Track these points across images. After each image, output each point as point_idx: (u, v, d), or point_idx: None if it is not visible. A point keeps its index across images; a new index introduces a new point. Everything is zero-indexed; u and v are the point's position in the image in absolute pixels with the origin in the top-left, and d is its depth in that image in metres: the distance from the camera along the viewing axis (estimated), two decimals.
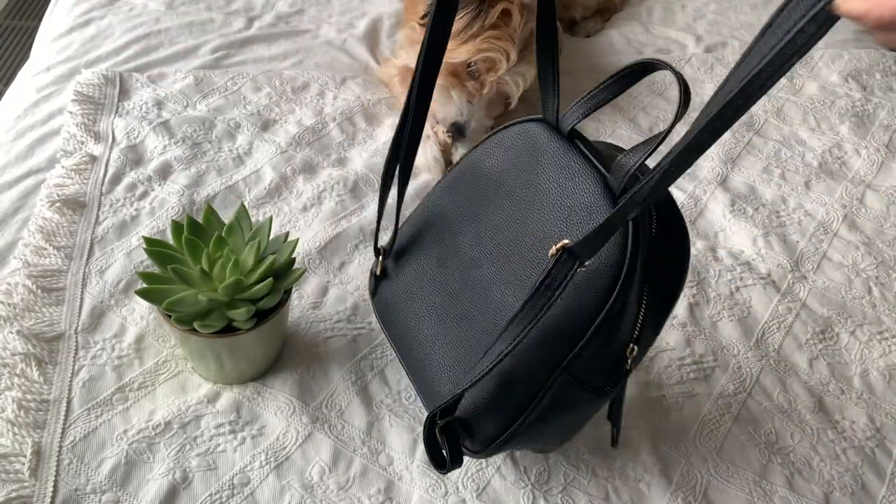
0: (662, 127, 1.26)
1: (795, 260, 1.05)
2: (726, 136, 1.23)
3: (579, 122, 0.68)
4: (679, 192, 1.13)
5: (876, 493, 0.81)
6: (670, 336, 0.94)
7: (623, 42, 1.45)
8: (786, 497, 0.79)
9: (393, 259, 0.82)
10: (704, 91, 1.33)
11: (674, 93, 1.32)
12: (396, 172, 0.79)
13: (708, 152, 1.19)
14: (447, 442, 0.69)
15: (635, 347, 0.66)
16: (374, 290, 0.84)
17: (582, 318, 0.63)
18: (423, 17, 1.15)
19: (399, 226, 0.82)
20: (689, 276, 1.00)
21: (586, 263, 0.59)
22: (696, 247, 1.05)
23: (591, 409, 0.71)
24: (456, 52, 1.12)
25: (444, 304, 0.74)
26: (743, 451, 0.83)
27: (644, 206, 0.60)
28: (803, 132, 1.26)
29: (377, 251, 0.84)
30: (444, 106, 1.13)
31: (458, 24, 1.10)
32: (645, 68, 0.62)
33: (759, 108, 1.29)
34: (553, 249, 0.58)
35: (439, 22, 0.69)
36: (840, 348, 0.95)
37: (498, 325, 0.67)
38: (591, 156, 0.67)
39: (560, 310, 0.63)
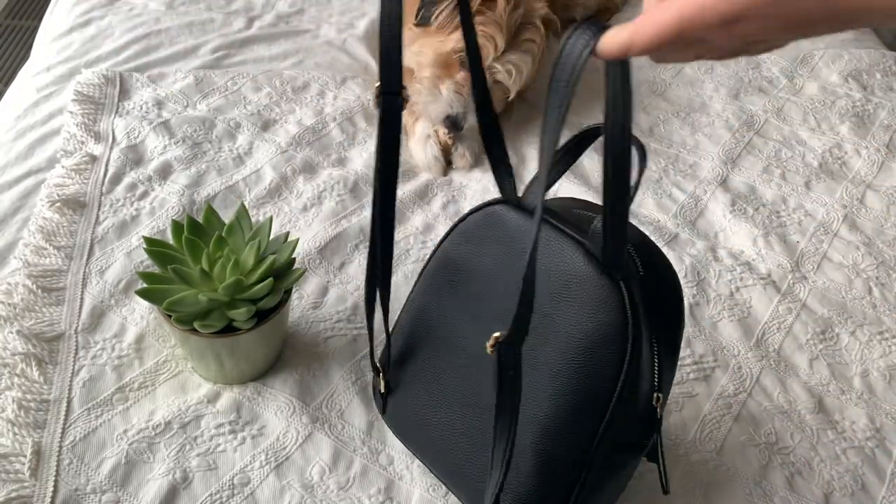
0: (662, 127, 1.26)
1: (795, 260, 1.05)
2: (726, 135, 1.23)
3: (544, 197, 0.64)
4: (679, 192, 1.13)
5: (876, 493, 0.81)
6: None
7: None
8: (786, 497, 0.79)
9: (393, 371, 0.79)
10: (704, 91, 1.33)
11: (674, 93, 1.32)
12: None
13: (708, 152, 1.20)
14: None
15: (660, 395, 0.66)
16: (384, 408, 0.81)
17: (604, 388, 0.63)
18: (416, 19, 1.14)
19: (390, 336, 0.79)
20: (689, 276, 1.00)
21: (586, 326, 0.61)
22: (697, 247, 1.05)
23: (636, 464, 0.72)
24: (444, 43, 1.11)
25: (455, 407, 0.72)
26: (743, 451, 0.83)
27: (623, 268, 0.61)
28: (803, 132, 1.26)
29: (376, 369, 0.80)
30: (434, 102, 1.11)
31: (442, 15, 1.09)
32: (587, 135, 0.62)
33: (759, 109, 1.29)
34: (488, 347, 0.57)
35: (387, 120, 0.66)
36: (840, 348, 0.95)
37: (530, 420, 0.66)
38: (563, 227, 0.65)
39: (580, 385, 0.63)
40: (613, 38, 0.48)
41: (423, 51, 1.12)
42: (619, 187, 0.55)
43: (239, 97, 1.23)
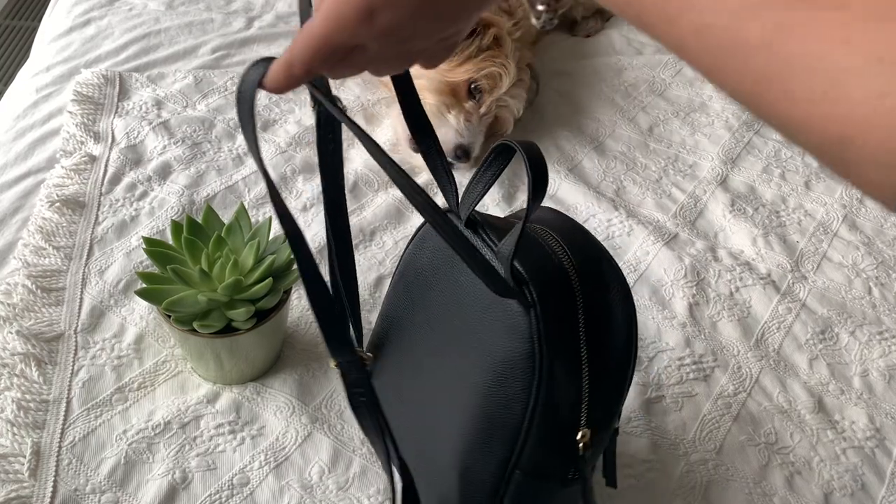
0: (662, 127, 1.26)
1: (795, 260, 1.05)
2: (726, 135, 1.23)
3: (474, 209, 0.64)
4: (679, 191, 1.13)
5: (876, 493, 0.81)
6: (670, 336, 0.94)
7: (623, 42, 1.45)
8: (785, 497, 0.79)
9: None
10: (704, 91, 1.32)
11: (673, 93, 1.32)
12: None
13: (708, 152, 1.20)
14: None
15: (587, 431, 0.61)
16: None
17: (515, 412, 0.60)
18: None
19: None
20: (689, 276, 1.00)
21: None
22: (696, 247, 1.05)
23: (566, 499, 0.66)
24: (453, 73, 1.12)
25: (404, 414, 0.71)
26: (742, 451, 0.83)
27: (511, 291, 0.57)
28: None
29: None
30: (440, 129, 1.10)
31: None
32: (507, 149, 0.59)
33: None
34: (332, 364, 0.57)
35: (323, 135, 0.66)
36: (840, 348, 0.95)
37: (445, 439, 0.65)
38: (490, 240, 0.62)
39: (491, 409, 0.61)
40: (275, 69, 0.48)
41: (423, 75, 1.13)
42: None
43: None
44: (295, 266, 0.84)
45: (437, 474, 0.66)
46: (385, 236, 1.04)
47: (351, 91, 1.27)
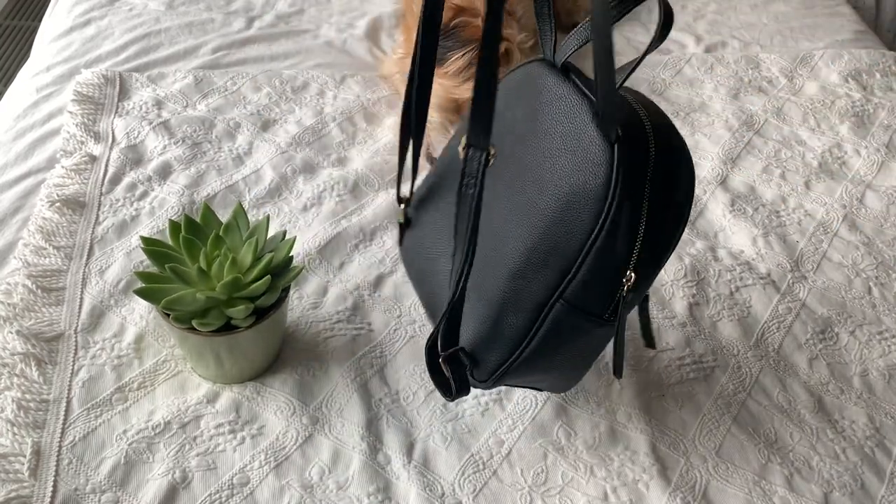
0: None
1: (795, 260, 1.05)
2: (726, 135, 1.23)
3: (572, 55, 0.71)
4: None
5: (875, 492, 0.81)
6: (670, 336, 0.94)
7: (623, 42, 1.45)
8: (785, 497, 0.79)
9: (414, 208, 0.84)
10: (704, 91, 1.33)
11: (673, 93, 1.32)
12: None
13: (708, 152, 1.20)
14: (452, 371, 0.72)
15: (633, 274, 0.65)
16: (401, 239, 0.87)
17: (575, 240, 0.64)
18: None
19: (417, 174, 0.85)
20: (689, 276, 1.00)
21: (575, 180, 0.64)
22: (696, 247, 1.05)
23: (594, 341, 0.71)
24: (459, 89, 1.12)
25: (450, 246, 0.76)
26: (742, 450, 0.83)
27: (610, 122, 0.63)
28: (803, 132, 1.26)
29: (399, 199, 0.85)
30: (443, 143, 1.11)
31: (460, 62, 1.10)
32: None
33: (759, 108, 1.29)
34: (460, 148, 0.63)
35: None
36: (840, 348, 0.95)
37: (501, 259, 0.69)
38: (581, 85, 0.69)
39: (553, 232, 0.65)
40: None
41: None
42: (602, 40, 0.60)
43: (239, 97, 1.23)
44: (294, 263, 0.84)
45: (482, 304, 0.70)
46: (385, 236, 1.04)
47: (351, 90, 1.27)
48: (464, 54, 1.10)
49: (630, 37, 1.46)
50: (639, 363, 0.90)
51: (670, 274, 1.01)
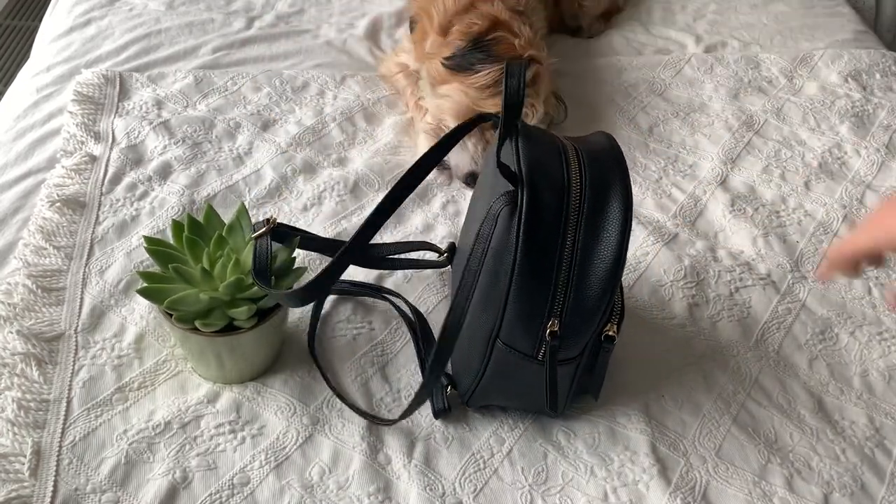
0: (662, 127, 1.26)
1: (795, 260, 1.05)
2: (726, 136, 1.23)
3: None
4: (679, 192, 1.13)
5: (875, 493, 0.81)
6: (670, 336, 0.94)
7: (623, 42, 1.45)
8: (785, 497, 0.79)
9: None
10: (704, 91, 1.32)
11: (673, 93, 1.32)
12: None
13: (708, 152, 1.20)
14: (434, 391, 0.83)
15: (556, 321, 0.73)
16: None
17: (499, 289, 0.73)
18: (449, 58, 1.14)
19: None
20: (689, 276, 1.00)
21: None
22: (696, 247, 1.05)
23: (540, 376, 0.77)
24: (485, 102, 1.11)
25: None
26: (742, 451, 0.83)
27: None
28: (803, 132, 1.26)
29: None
30: (459, 153, 1.12)
31: (488, 79, 1.11)
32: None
33: (758, 109, 1.29)
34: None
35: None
36: (840, 349, 0.95)
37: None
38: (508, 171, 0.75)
39: (488, 284, 0.74)
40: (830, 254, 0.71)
41: (450, 96, 1.13)
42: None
43: (239, 97, 1.23)
44: (295, 266, 0.84)
45: (465, 331, 0.76)
46: (385, 236, 1.04)
47: (351, 90, 1.27)
48: (490, 72, 1.11)
49: (630, 37, 1.46)
50: (639, 363, 0.90)
51: (670, 274, 1.01)
